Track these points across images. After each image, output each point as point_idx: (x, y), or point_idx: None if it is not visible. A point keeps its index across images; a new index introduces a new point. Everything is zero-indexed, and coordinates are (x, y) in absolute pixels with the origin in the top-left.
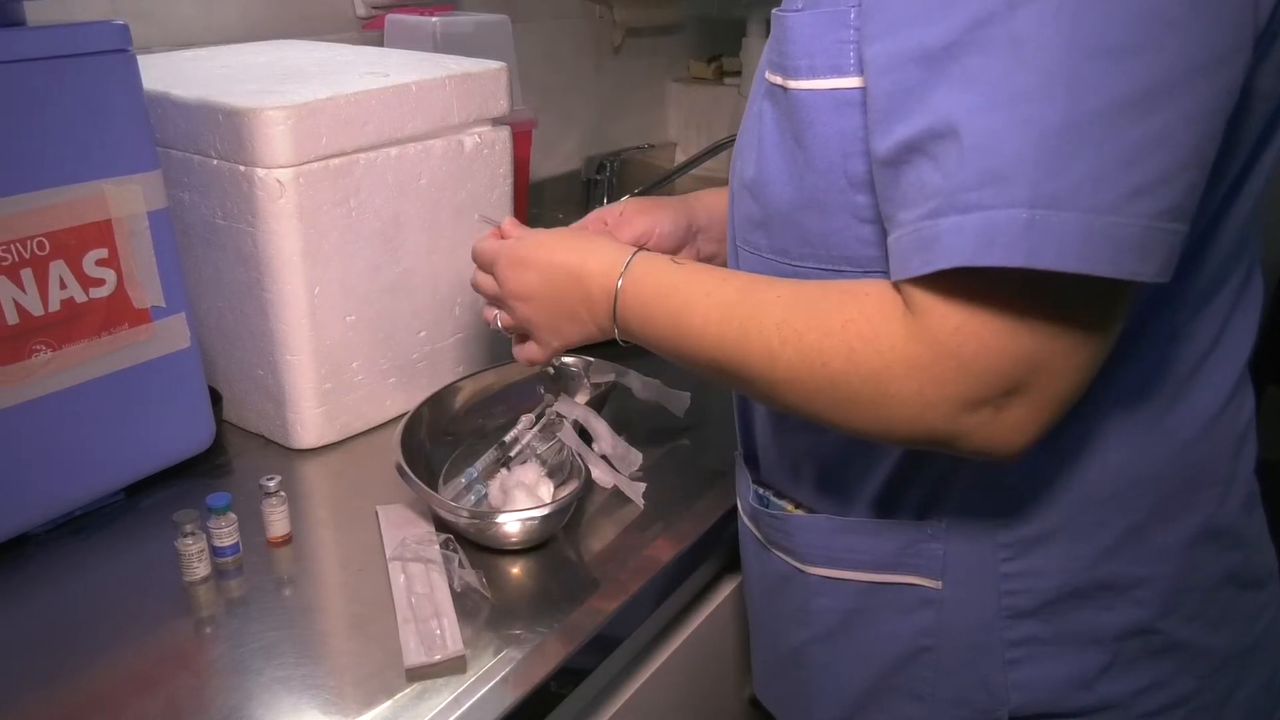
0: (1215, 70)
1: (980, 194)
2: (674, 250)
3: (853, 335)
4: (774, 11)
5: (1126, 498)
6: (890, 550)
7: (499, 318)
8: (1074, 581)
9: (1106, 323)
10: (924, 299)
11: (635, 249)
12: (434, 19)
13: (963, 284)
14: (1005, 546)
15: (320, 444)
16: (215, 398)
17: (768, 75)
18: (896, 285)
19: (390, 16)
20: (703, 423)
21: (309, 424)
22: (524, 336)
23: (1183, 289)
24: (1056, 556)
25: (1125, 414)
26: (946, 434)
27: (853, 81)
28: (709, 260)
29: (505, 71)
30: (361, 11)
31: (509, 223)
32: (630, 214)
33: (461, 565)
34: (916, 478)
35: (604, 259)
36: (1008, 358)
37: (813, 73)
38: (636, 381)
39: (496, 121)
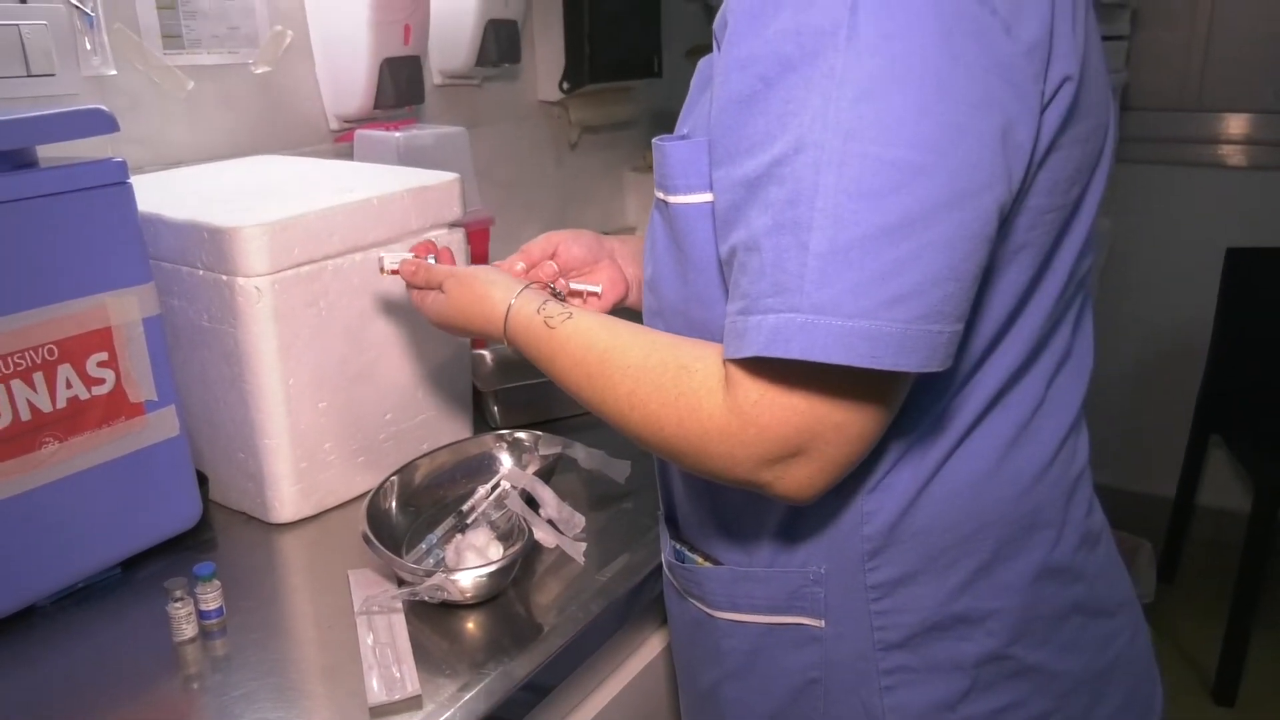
0: (965, 203)
1: (773, 300)
2: (584, 260)
3: (683, 407)
4: (654, 140)
5: (971, 541)
6: (782, 594)
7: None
8: (934, 616)
9: (878, 404)
10: (737, 375)
11: (506, 311)
12: (397, 134)
13: (765, 368)
14: (873, 588)
15: (297, 518)
16: (202, 479)
17: (655, 191)
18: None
19: (359, 132)
20: (642, 489)
21: (286, 501)
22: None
23: (995, 367)
24: (917, 595)
25: (962, 470)
26: (751, 482)
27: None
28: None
29: (458, 182)
30: (334, 126)
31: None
32: (540, 237)
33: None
34: (797, 533)
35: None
36: (791, 427)
37: (688, 190)
38: (581, 452)
39: (452, 225)
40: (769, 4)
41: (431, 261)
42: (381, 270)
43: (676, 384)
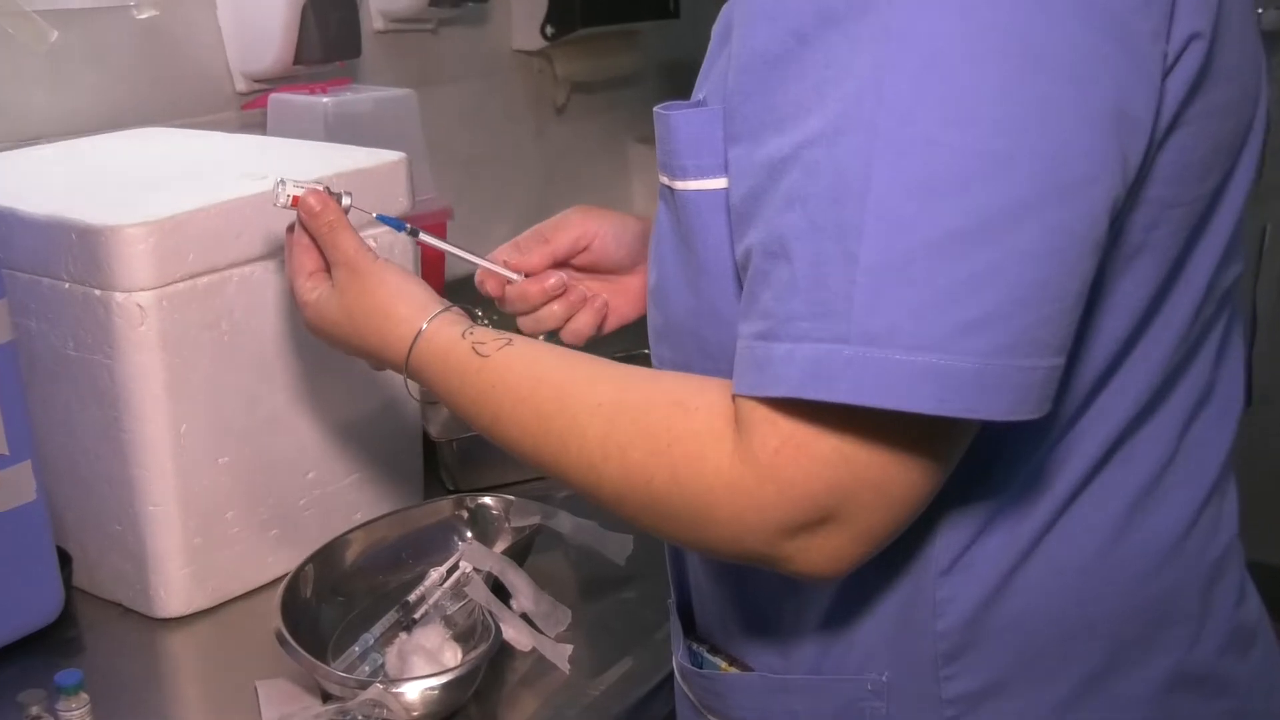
0: (1064, 200)
1: (810, 325)
2: (621, 264)
3: (678, 455)
4: (655, 109)
5: (1078, 642)
6: (830, 711)
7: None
8: None
9: (933, 458)
10: (753, 416)
11: (415, 334)
12: (324, 99)
13: (791, 408)
14: (950, 704)
15: (189, 611)
16: (64, 560)
17: (659, 174)
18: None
19: (274, 96)
20: (647, 572)
21: (175, 588)
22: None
23: (1109, 410)
24: (1009, 713)
25: (1067, 546)
26: (764, 556)
27: None
28: None
29: (404, 163)
30: (242, 87)
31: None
32: (571, 217)
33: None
34: (850, 629)
35: (398, 339)
36: (820, 484)
37: (700, 173)
38: (568, 524)
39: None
40: None
41: (347, 202)
42: (276, 200)
43: (669, 426)
